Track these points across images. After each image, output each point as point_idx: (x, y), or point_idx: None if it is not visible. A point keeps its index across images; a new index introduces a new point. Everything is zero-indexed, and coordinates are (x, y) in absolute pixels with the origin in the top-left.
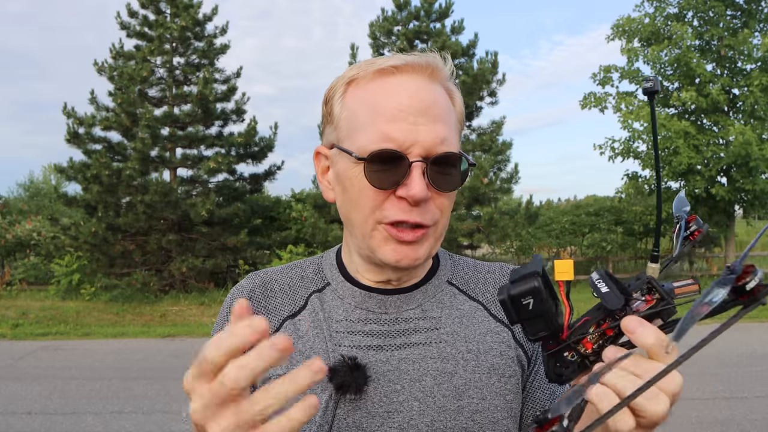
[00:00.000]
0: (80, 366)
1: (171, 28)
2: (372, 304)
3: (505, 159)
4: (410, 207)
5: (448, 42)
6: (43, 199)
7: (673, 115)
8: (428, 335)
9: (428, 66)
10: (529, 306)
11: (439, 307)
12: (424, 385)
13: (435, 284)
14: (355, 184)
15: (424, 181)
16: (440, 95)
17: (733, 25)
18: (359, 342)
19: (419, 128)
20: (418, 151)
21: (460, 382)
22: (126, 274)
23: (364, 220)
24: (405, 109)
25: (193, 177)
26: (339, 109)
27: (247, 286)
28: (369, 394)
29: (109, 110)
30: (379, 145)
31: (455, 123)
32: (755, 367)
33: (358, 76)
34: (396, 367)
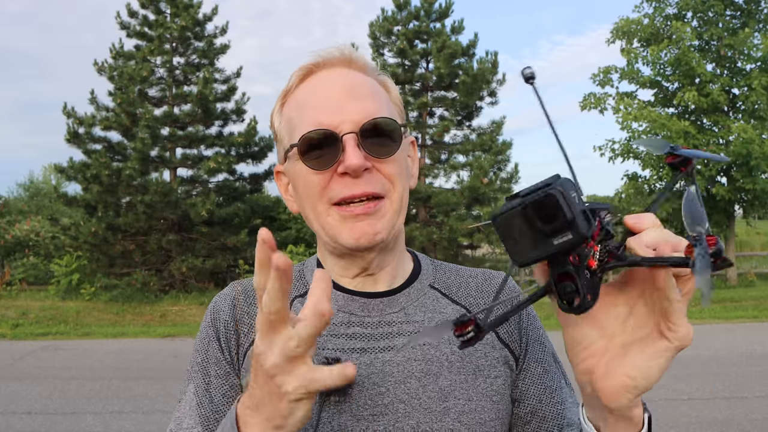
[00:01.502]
0: (80, 366)
1: (171, 28)
2: (355, 307)
3: (505, 159)
4: (354, 180)
5: (448, 42)
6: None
7: (673, 115)
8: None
9: (343, 56)
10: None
11: (422, 311)
12: (409, 387)
13: (417, 288)
14: (301, 177)
15: (361, 151)
16: (363, 80)
17: (732, 25)
18: (342, 345)
19: (346, 106)
20: (348, 126)
21: (446, 384)
22: (126, 274)
23: (315, 207)
24: (329, 96)
25: (193, 177)
26: (279, 123)
27: (230, 294)
28: (354, 397)
29: (109, 110)
30: (308, 129)
31: (388, 102)
32: (755, 367)
33: (288, 88)
34: (380, 369)
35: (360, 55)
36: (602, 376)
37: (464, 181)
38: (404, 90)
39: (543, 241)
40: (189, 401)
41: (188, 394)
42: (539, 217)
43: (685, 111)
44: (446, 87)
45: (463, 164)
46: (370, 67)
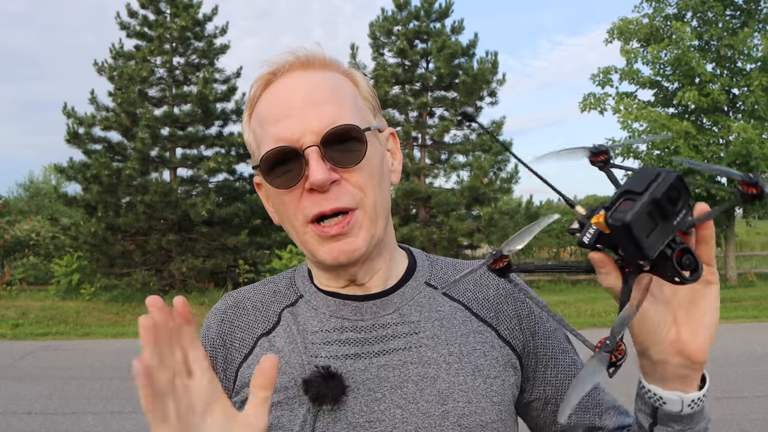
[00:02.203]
0: (80, 366)
1: (171, 28)
2: (347, 311)
3: (505, 159)
4: (322, 195)
5: (448, 42)
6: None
7: (673, 115)
8: (407, 340)
9: (298, 60)
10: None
11: (418, 310)
12: (406, 392)
13: (412, 286)
14: (273, 195)
15: (325, 164)
16: (324, 79)
17: (732, 25)
18: (336, 352)
19: (306, 115)
20: (310, 138)
21: (444, 386)
22: (126, 274)
23: (293, 225)
24: (287, 106)
25: (193, 177)
26: (247, 136)
27: (221, 308)
28: (349, 404)
29: (109, 110)
30: (269, 146)
31: (354, 99)
32: (755, 367)
33: (254, 96)
34: (376, 374)
35: (317, 52)
36: (690, 340)
37: (464, 181)
38: (404, 90)
39: (664, 224)
40: None
41: None
42: (669, 201)
43: (685, 111)
44: (446, 87)
45: (463, 164)
46: (332, 63)
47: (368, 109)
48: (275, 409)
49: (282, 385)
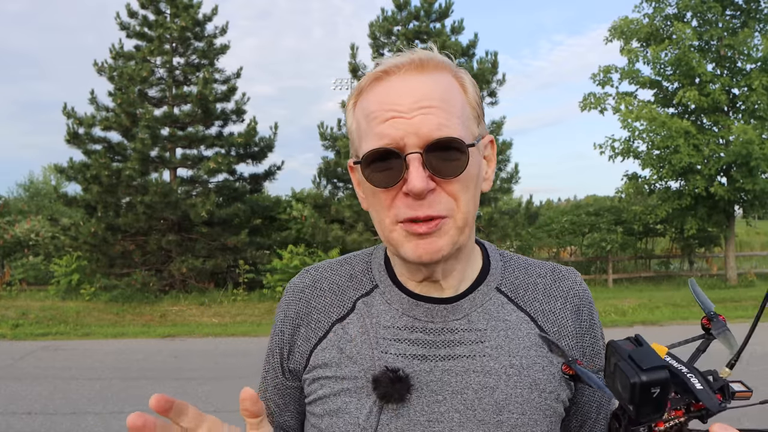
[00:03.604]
0: (80, 366)
1: (171, 29)
2: (419, 312)
3: (505, 159)
4: (417, 202)
5: (448, 42)
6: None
7: (674, 115)
8: (472, 348)
9: (412, 61)
10: (654, 395)
11: (486, 319)
12: (466, 398)
13: (483, 292)
14: (367, 189)
15: (425, 171)
16: (435, 83)
17: (732, 25)
18: (405, 350)
19: (413, 120)
20: (414, 142)
21: (501, 397)
22: (126, 275)
23: (382, 222)
24: (396, 107)
25: (193, 177)
26: (351, 122)
27: (299, 286)
28: (412, 402)
29: (109, 110)
30: (375, 145)
31: (462, 107)
32: (755, 367)
33: (363, 86)
34: (439, 378)
35: (433, 55)
36: None
37: None
38: None
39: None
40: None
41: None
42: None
43: (685, 111)
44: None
45: None
46: (445, 65)
47: (473, 117)
48: (345, 394)
49: (352, 374)
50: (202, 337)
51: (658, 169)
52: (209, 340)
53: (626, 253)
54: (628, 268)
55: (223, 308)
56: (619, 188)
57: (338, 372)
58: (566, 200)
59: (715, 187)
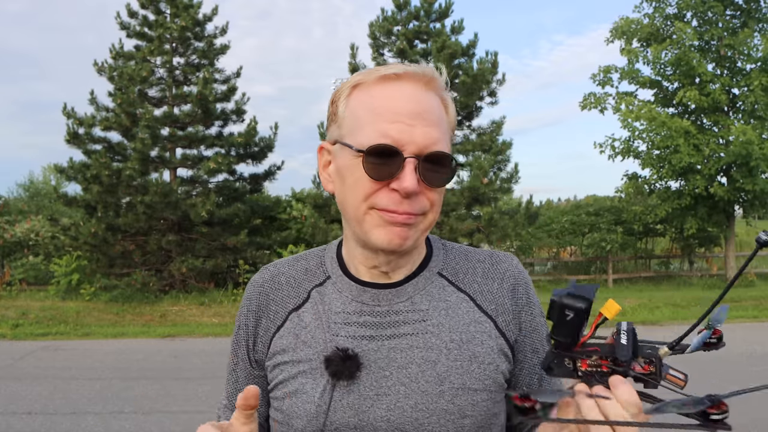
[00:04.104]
0: (80, 366)
1: (171, 29)
2: (367, 297)
3: (505, 159)
4: (401, 199)
5: (448, 42)
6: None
7: (674, 115)
8: (416, 327)
9: (425, 76)
10: (567, 318)
11: (428, 300)
12: (410, 372)
13: (426, 276)
14: (354, 174)
15: (416, 175)
16: (435, 103)
17: (732, 25)
18: (354, 332)
19: (414, 129)
20: (412, 148)
21: (443, 369)
22: (126, 275)
23: (358, 205)
24: (403, 111)
25: (193, 177)
26: (343, 109)
27: (259, 281)
28: (362, 379)
29: (109, 110)
30: (378, 140)
31: (447, 129)
32: (755, 367)
33: (363, 81)
34: (386, 355)
35: (438, 76)
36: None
37: (464, 181)
38: None
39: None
40: (227, 372)
41: (229, 364)
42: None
43: (685, 110)
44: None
45: (463, 164)
46: (442, 88)
47: (450, 137)
48: (301, 376)
49: (307, 356)
50: (202, 337)
51: (658, 169)
52: (209, 340)
53: (626, 253)
54: (628, 268)
55: (223, 308)
56: (619, 188)
57: (294, 356)
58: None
59: (715, 188)
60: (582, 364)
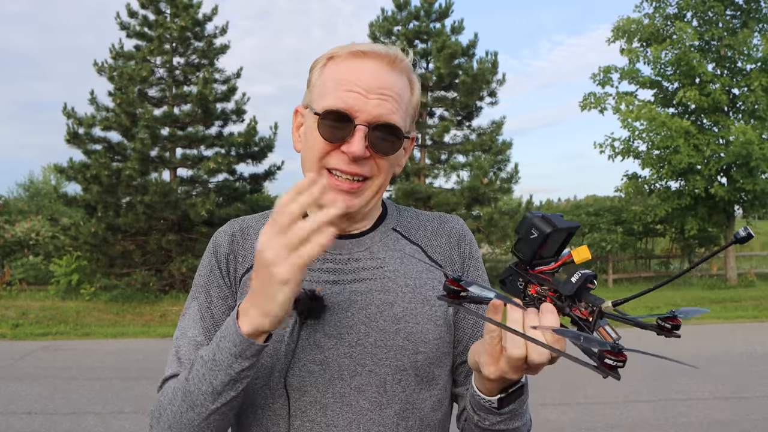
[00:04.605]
0: (80, 366)
1: (171, 28)
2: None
3: (505, 159)
4: (350, 161)
5: (448, 42)
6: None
7: (674, 115)
8: (374, 272)
9: (388, 55)
10: (531, 236)
11: (384, 250)
12: (370, 312)
13: (382, 231)
14: (312, 135)
15: (364, 142)
16: (399, 82)
17: (732, 25)
18: (318, 277)
19: (370, 100)
20: (365, 117)
21: (399, 310)
22: (126, 274)
23: (312, 165)
24: (361, 83)
25: (193, 177)
26: (316, 78)
27: (228, 231)
28: (326, 320)
29: (109, 110)
30: (334, 105)
31: (407, 105)
32: (755, 367)
33: (337, 54)
34: (347, 298)
35: (404, 57)
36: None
37: (464, 181)
38: None
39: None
40: (192, 316)
41: (191, 310)
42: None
43: (685, 110)
44: (446, 87)
45: (463, 164)
46: (407, 68)
47: (410, 116)
48: None
49: None
50: None
51: (658, 169)
52: None
53: (626, 253)
54: (628, 268)
55: None
56: (619, 187)
57: None
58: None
59: (715, 188)
60: (531, 289)
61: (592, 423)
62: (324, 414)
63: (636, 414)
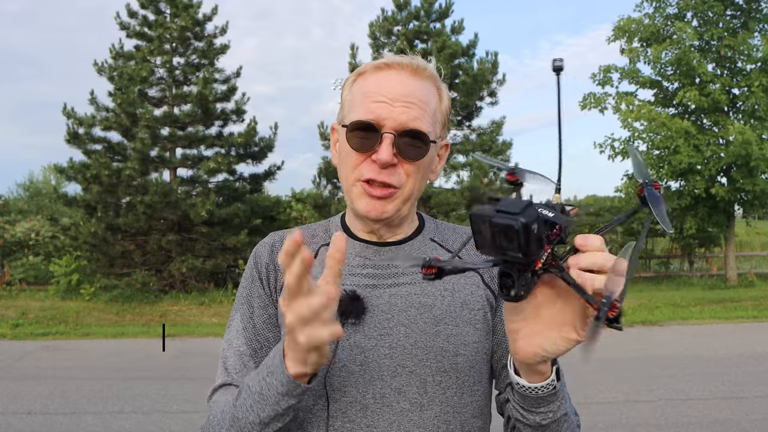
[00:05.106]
0: (80, 366)
1: (171, 28)
2: (369, 253)
3: (505, 159)
4: (380, 169)
5: (448, 42)
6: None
7: (674, 115)
8: (413, 277)
9: (411, 65)
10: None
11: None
12: (409, 315)
13: (420, 240)
14: (345, 148)
15: (392, 149)
16: (422, 87)
17: (732, 25)
18: (358, 282)
19: (395, 109)
20: (391, 125)
21: (438, 312)
22: (126, 275)
23: (347, 177)
24: (386, 93)
25: (193, 177)
26: (346, 94)
27: (269, 242)
28: (366, 321)
29: (109, 110)
30: (362, 117)
31: (434, 112)
32: (755, 367)
33: (364, 70)
34: (387, 301)
35: (428, 66)
36: (522, 337)
37: (464, 181)
38: None
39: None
40: (236, 327)
41: (235, 321)
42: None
43: (685, 111)
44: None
45: (463, 164)
46: (433, 76)
47: (440, 122)
48: None
49: None
50: (201, 337)
51: (658, 170)
52: (209, 340)
53: None
54: None
55: (223, 308)
56: (619, 187)
57: None
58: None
59: (716, 188)
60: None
61: (592, 423)
62: (364, 414)
63: (636, 414)
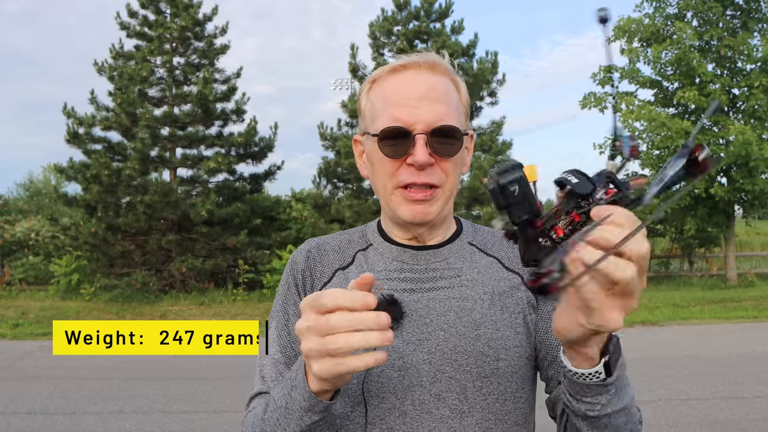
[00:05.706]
0: (80, 366)
1: (171, 28)
2: (406, 257)
3: (505, 159)
4: (418, 171)
5: (448, 42)
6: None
7: (674, 115)
8: (452, 281)
9: (427, 62)
10: (515, 192)
11: (461, 260)
12: (448, 319)
13: (458, 244)
14: (377, 157)
15: (427, 149)
16: (441, 83)
17: (732, 25)
18: (396, 286)
19: (421, 109)
20: (421, 126)
21: (477, 316)
22: (126, 274)
23: (384, 186)
24: (410, 95)
25: (193, 177)
26: (364, 103)
27: (305, 248)
28: (405, 326)
29: (109, 110)
30: (389, 124)
31: (457, 105)
32: (755, 367)
33: (378, 76)
34: (426, 305)
35: (442, 60)
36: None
37: (464, 181)
38: None
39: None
40: (271, 335)
41: (270, 330)
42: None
43: (685, 111)
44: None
45: None
46: (448, 70)
47: (464, 114)
48: None
49: None
50: None
51: (658, 170)
52: None
53: None
54: None
55: (223, 308)
56: None
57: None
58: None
59: (716, 188)
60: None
61: None
62: (403, 421)
63: None
